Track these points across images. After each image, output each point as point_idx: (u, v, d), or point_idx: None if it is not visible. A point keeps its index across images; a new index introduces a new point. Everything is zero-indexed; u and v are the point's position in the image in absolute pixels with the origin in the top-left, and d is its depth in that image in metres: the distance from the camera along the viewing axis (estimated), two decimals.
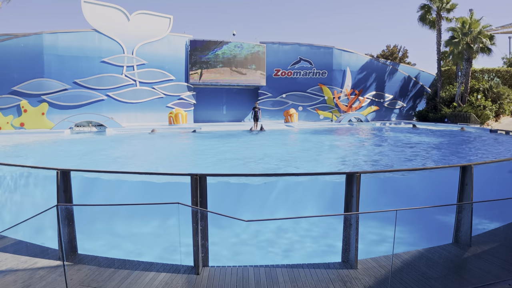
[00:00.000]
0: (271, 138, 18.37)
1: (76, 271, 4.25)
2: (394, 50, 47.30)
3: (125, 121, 23.51)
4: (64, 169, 4.65)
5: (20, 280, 3.99)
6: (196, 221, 4.23)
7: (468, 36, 25.34)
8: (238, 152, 13.85)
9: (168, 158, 12.79)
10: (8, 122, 20.58)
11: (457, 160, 11.93)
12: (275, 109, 29.26)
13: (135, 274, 4.18)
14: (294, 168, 10.53)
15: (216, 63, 26.83)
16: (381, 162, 11.57)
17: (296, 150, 14.75)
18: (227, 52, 27.11)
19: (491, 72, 29.85)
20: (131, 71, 24.04)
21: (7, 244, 5.01)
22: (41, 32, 21.05)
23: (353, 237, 4.42)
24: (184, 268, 4.35)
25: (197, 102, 27.41)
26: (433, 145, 15.19)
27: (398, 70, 31.95)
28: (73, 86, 22.12)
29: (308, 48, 29.45)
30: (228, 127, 23.92)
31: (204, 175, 4.36)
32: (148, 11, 24.78)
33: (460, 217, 5.11)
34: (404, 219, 4.11)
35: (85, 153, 13.45)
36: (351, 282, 4.03)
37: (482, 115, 25.62)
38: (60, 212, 4.13)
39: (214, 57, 26.74)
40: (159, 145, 16.48)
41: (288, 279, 4.09)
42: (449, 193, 5.35)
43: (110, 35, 23.15)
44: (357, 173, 4.39)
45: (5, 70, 20.22)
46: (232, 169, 10.26)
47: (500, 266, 4.44)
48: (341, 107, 30.34)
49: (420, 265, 4.49)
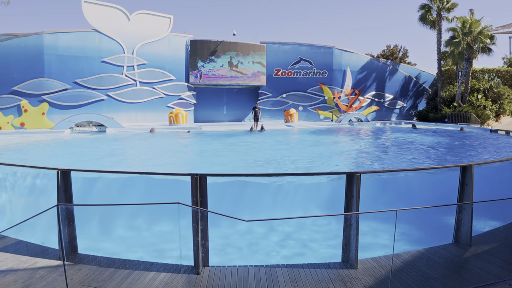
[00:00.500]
0: (271, 138, 18.37)
1: (76, 271, 4.25)
2: (395, 50, 47.28)
3: (125, 121, 23.51)
4: (64, 169, 4.65)
5: (20, 279, 3.99)
6: (196, 221, 4.23)
7: (469, 36, 25.32)
8: (239, 152, 13.85)
9: (164, 158, 12.79)
10: (8, 122, 20.59)
11: (457, 160, 11.93)
12: (275, 109, 29.26)
13: (135, 274, 4.18)
14: (294, 167, 10.53)
15: (217, 63, 26.83)
16: (381, 162, 11.57)
17: (296, 149, 14.74)
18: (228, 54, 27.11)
19: (492, 72, 29.84)
20: (132, 71, 24.04)
21: (7, 244, 5.02)
22: (41, 32, 21.06)
23: (353, 237, 4.42)
24: (184, 268, 4.35)
25: (198, 102, 27.41)
26: (433, 145, 15.19)
27: (398, 70, 31.94)
28: (74, 86, 22.13)
29: (309, 48, 29.45)
30: (228, 127, 23.93)
31: (204, 175, 4.36)
32: (149, 11, 24.79)
33: (460, 217, 5.11)
34: (404, 219, 4.11)
35: (85, 152, 13.45)
36: (351, 282, 4.03)
37: (483, 115, 25.61)
38: (60, 212, 4.13)
39: (215, 57, 26.74)
40: (156, 144, 16.48)
41: (288, 279, 4.09)
42: (449, 193, 5.35)
43: (110, 35, 23.15)
44: (357, 173, 4.39)
45: (6, 70, 20.22)
46: (232, 169, 10.26)
47: (500, 266, 4.44)
48: (341, 107, 30.34)
49: (420, 265, 4.49)
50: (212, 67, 26.80)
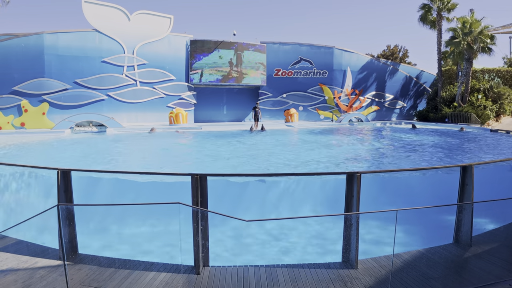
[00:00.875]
0: (271, 137, 18.37)
1: (76, 270, 4.25)
2: (395, 50, 47.29)
3: (125, 121, 23.51)
4: (64, 169, 4.65)
5: (20, 279, 3.99)
6: (196, 221, 4.23)
7: (469, 36, 25.31)
8: (239, 151, 13.85)
9: (164, 157, 12.80)
10: (8, 122, 20.59)
11: (458, 160, 11.93)
12: (275, 109, 29.25)
13: (135, 274, 4.18)
14: (293, 168, 10.53)
15: (217, 63, 26.84)
16: (382, 162, 11.56)
17: (296, 149, 14.74)
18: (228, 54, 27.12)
19: (492, 72, 29.83)
20: (132, 71, 24.05)
21: (8, 244, 5.02)
22: (41, 32, 21.05)
23: (354, 237, 4.42)
24: (184, 268, 4.35)
25: (198, 102, 27.40)
26: (433, 145, 15.19)
27: (398, 70, 31.92)
28: (74, 86, 22.13)
29: (309, 48, 29.44)
30: (228, 127, 23.93)
31: (205, 175, 4.36)
32: (149, 11, 24.79)
33: (460, 217, 5.11)
34: (404, 219, 4.11)
35: (85, 152, 13.45)
36: (352, 282, 4.03)
37: (483, 115, 25.59)
38: (60, 212, 4.13)
39: (215, 57, 26.74)
40: (156, 144, 16.49)
41: (288, 279, 4.09)
42: (450, 193, 5.35)
43: (110, 35, 23.15)
44: (357, 173, 4.39)
45: (6, 70, 20.22)
46: (231, 169, 10.26)
47: (501, 266, 4.43)
48: (341, 107, 30.33)
49: (420, 265, 4.49)
50: (212, 67, 26.80)
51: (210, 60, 26.66)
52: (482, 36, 25.38)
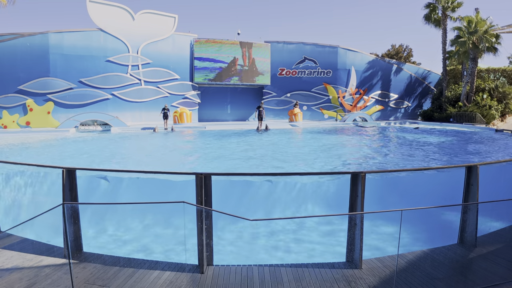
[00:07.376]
0: (276, 137, 18.35)
1: (81, 269, 4.27)
2: (399, 49, 47.08)
3: (130, 120, 23.60)
4: (69, 168, 4.67)
5: (26, 278, 4.01)
6: (201, 220, 4.23)
7: (474, 35, 25.14)
8: (240, 151, 13.85)
9: (165, 157, 12.83)
10: (14, 121, 20.73)
11: (462, 160, 11.86)
12: (279, 108, 29.22)
13: (140, 272, 4.19)
14: (297, 167, 10.52)
15: (221, 62, 26.85)
16: (386, 162, 11.53)
17: (300, 149, 14.72)
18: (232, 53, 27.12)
19: (497, 72, 29.61)
20: (136, 70, 24.12)
21: (13, 242, 5.05)
22: (46, 31, 21.17)
23: (358, 237, 4.41)
24: (188, 266, 4.36)
25: (202, 101, 27.44)
26: (438, 145, 15.11)
27: (403, 70, 31.79)
28: (79, 85, 22.25)
29: (313, 47, 29.37)
30: (232, 126, 23.93)
31: (209, 174, 4.36)
32: (153, 11, 24.84)
33: (465, 217, 5.08)
34: (409, 219, 4.09)
35: (90, 151, 13.51)
36: (356, 282, 4.02)
37: (488, 115, 25.42)
38: (66, 211, 4.15)
39: (219, 56, 26.75)
40: (156, 144, 16.52)
41: (292, 278, 4.09)
42: (454, 193, 5.32)
43: (115, 34, 23.23)
44: (362, 173, 4.38)
45: (11, 69, 20.37)
46: (236, 168, 10.27)
47: (506, 266, 4.40)
48: (345, 107, 30.25)
49: (425, 266, 4.47)
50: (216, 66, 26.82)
51: (214, 59, 26.66)
52: (487, 35, 25.19)
